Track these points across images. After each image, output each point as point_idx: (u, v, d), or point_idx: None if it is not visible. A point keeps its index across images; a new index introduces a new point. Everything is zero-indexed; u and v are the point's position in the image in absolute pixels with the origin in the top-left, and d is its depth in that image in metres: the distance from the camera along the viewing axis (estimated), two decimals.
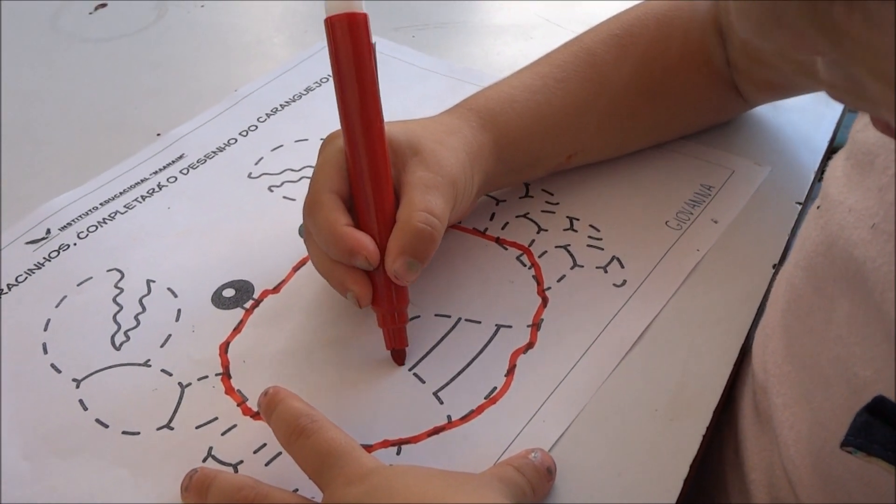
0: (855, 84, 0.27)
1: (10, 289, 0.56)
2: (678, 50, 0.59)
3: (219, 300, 0.54)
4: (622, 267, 0.55)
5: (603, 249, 0.56)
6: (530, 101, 0.57)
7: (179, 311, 0.54)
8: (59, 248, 0.58)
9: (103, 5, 0.84)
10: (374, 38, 0.48)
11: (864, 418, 0.36)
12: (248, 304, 0.54)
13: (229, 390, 0.49)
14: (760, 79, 0.60)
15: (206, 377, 0.50)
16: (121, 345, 0.52)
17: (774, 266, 0.55)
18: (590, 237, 0.57)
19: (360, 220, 0.49)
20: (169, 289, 0.55)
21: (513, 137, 0.56)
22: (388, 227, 0.48)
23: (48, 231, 0.59)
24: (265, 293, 0.55)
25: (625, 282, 0.54)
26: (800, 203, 0.60)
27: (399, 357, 0.50)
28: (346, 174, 0.49)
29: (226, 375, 0.50)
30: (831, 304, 0.40)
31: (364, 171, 0.48)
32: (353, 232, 0.47)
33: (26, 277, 0.56)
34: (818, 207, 0.45)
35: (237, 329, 0.53)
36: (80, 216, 0.60)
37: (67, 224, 0.60)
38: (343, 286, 0.48)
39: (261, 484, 0.43)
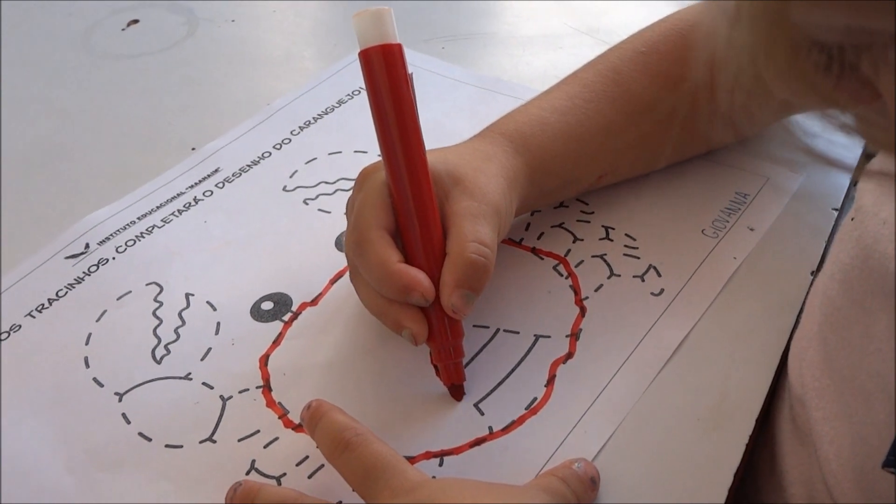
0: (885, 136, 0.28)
1: (51, 303, 0.56)
2: (702, 67, 0.59)
3: (257, 313, 0.55)
4: (659, 276, 0.55)
5: (639, 258, 0.56)
6: (560, 124, 0.56)
7: (219, 324, 0.54)
8: (99, 263, 0.59)
9: (135, 22, 0.85)
10: (406, 51, 0.48)
11: None
12: (286, 317, 0.54)
13: (270, 403, 0.49)
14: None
15: (247, 390, 0.50)
16: (161, 358, 0.52)
17: (812, 273, 0.55)
18: (626, 246, 0.57)
19: (410, 254, 0.48)
20: (208, 302, 0.56)
21: (545, 162, 0.55)
22: (439, 260, 0.47)
23: (87, 246, 0.60)
24: (303, 306, 0.55)
25: (662, 290, 0.54)
26: (836, 209, 0.59)
27: (458, 392, 0.49)
28: (390, 209, 0.48)
29: (266, 388, 0.50)
30: (869, 318, 0.40)
31: (410, 205, 0.47)
32: (406, 269, 0.46)
33: (67, 292, 0.57)
34: (852, 219, 0.44)
35: (276, 342, 0.53)
36: (118, 230, 0.61)
37: (106, 238, 0.60)
38: (398, 324, 0.47)
39: (304, 496, 0.43)
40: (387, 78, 0.47)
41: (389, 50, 0.47)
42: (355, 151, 0.67)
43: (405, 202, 0.48)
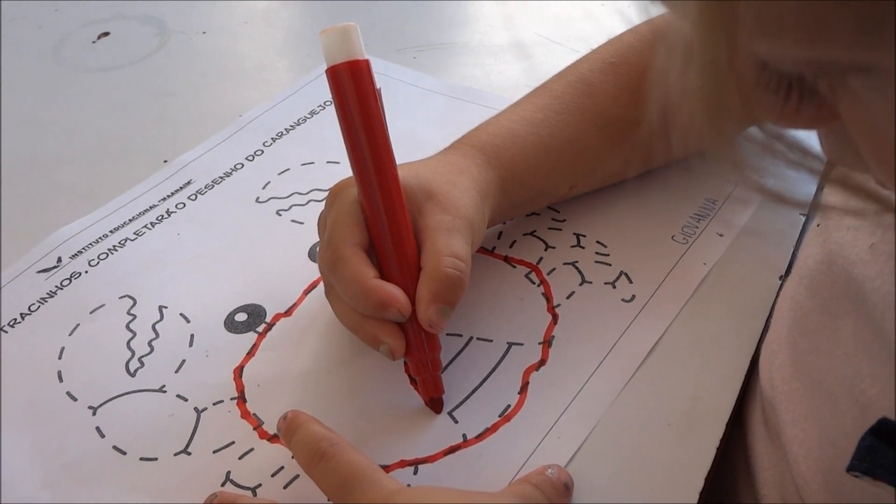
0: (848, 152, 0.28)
1: (23, 318, 0.56)
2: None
3: (231, 324, 0.55)
4: (630, 282, 0.56)
5: (610, 265, 0.57)
6: (532, 136, 0.56)
7: (192, 336, 0.54)
8: (71, 277, 0.59)
9: (106, 34, 0.85)
10: (375, 60, 0.48)
11: (868, 442, 0.36)
12: (260, 328, 0.54)
13: (245, 414, 0.49)
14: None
15: (222, 402, 0.50)
16: (135, 371, 0.52)
17: (781, 278, 0.55)
18: (597, 253, 0.58)
19: (384, 270, 0.48)
20: (181, 314, 0.56)
21: (517, 174, 0.56)
22: (414, 274, 0.48)
23: (59, 259, 0.60)
24: (277, 317, 0.55)
25: (633, 297, 0.55)
26: (803, 215, 0.60)
27: (437, 405, 0.49)
28: (363, 225, 0.48)
29: (241, 399, 0.50)
30: (836, 323, 0.41)
31: (383, 221, 0.48)
32: (382, 285, 0.46)
33: (39, 306, 0.57)
34: (818, 225, 0.45)
35: (250, 353, 0.53)
36: (90, 244, 0.61)
37: (78, 252, 0.60)
38: (375, 340, 0.47)
39: None
40: (355, 94, 0.47)
41: (357, 66, 0.47)
42: (328, 162, 0.67)
43: (378, 218, 0.48)
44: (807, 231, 0.55)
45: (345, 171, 0.64)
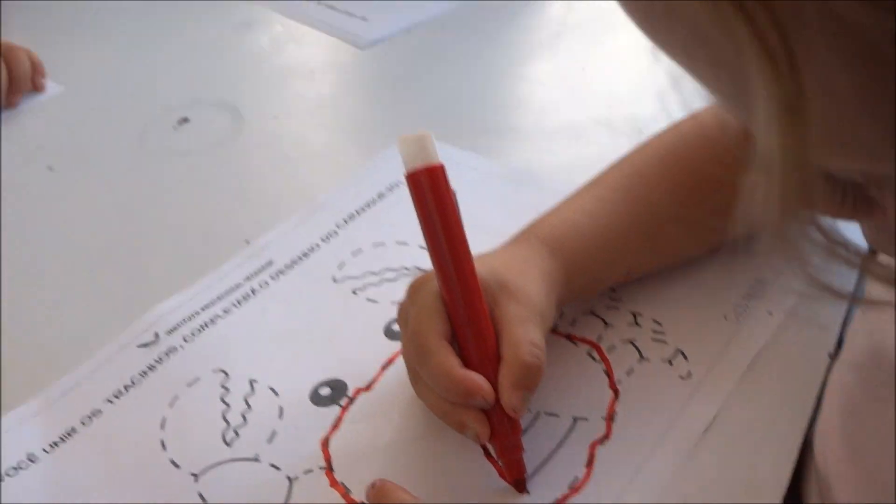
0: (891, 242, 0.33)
1: (127, 390, 0.61)
2: (723, 169, 0.64)
3: (316, 398, 0.60)
4: (686, 359, 0.60)
5: (667, 343, 0.61)
6: (590, 227, 0.62)
7: (281, 408, 0.59)
8: (168, 351, 0.64)
9: (185, 120, 0.91)
10: (438, 144, 0.53)
11: None
12: (343, 402, 0.59)
13: (333, 483, 0.54)
14: None
15: (312, 471, 0.55)
16: (231, 441, 0.57)
17: (830, 355, 0.59)
18: (653, 331, 0.62)
19: (466, 359, 0.52)
20: (270, 388, 0.60)
21: (578, 263, 0.60)
22: (494, 362, 0.52)
23: (157, 335, 0.65)
24: (358, 391, 0.60)
25: (690, 373, 0.59)
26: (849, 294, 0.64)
27: (521, 486, 0.52)
28: (446, 317, 0.53)
29: (329, 469, 0.55)
30: (886, 408, 0.44)
31: (464, 314, 0.52)
32: (467, 374, 0.51)
33: (141, 379, 0.62)
34: (862, 311, 0.49)
35: (335, 425, 0.58)
36: (184, 320, 0.66)
37: (174, 328, 0.65)
38: (462, 425, 0.51)
39: None
40: (433, 197, 0.52)
41: (434, 171, 0.52)
42: (397, 242, 0.72)
43: (459, 310, 0.52)
44: (853, 312, 0.59)
45: (413, 250, 0.69)
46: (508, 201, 0.76)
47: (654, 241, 0.63)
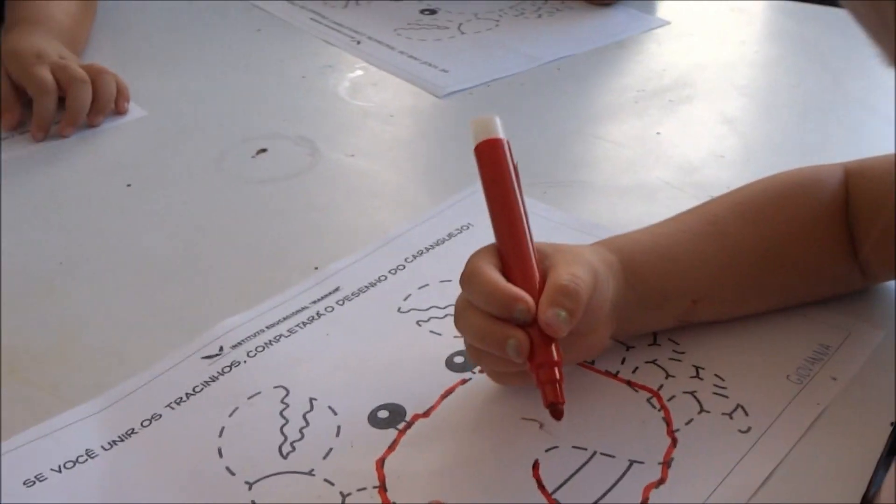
0: None
1: (188, 397, 0.62)
2: (801, 224, 0.65)
3: (374, 420, 0.60)
4: (746, 415, 0.59)
5: (728, 398, 0.61)
6: (653, 244, 0.64)
7: (339, 427, 0.60)
8: (231, 365, 0.65)
9: (263, 151, 0.93)
10: None
11: None
12: (400, 426, 0.59)
13: (386, 502, 0.54)
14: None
15: (365, 489, 0.55)
16: (287, 454, 0.58)
17: (892, 424, 0.58)
18: (715, 385, 0.62)
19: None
20: (329, 407, 0.61)
21: (639, 267, 0.62)
22: (537, 298, 0.55)
23: (221, 348, 0.66)
24: (416, 417, 0.60)
25: (749, 429, 0.58)
26: None
27: (557, 412, 0.54)
28: (497, 257, 0.57)
29: (382, 488, 0.55)
30: None
31: (513, 249, 0.57)
32: (511, 286, 0.54)
33: (203, 388, 0.63)
34: None
35: (391, 447, 0.58)
36: (249, 336, 0.67)
37: (238, 343, 0.67)
38: (504, 338, 0.53)
39: None
40: (494, 164, 0.59)
41: (496, 142, 0.59)
42: None
43: (508, 248, 0.58)
44: None
45: None
46: None
47: (725, 273, 0.64)
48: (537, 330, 0.54)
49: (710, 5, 1.30)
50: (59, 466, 0.57)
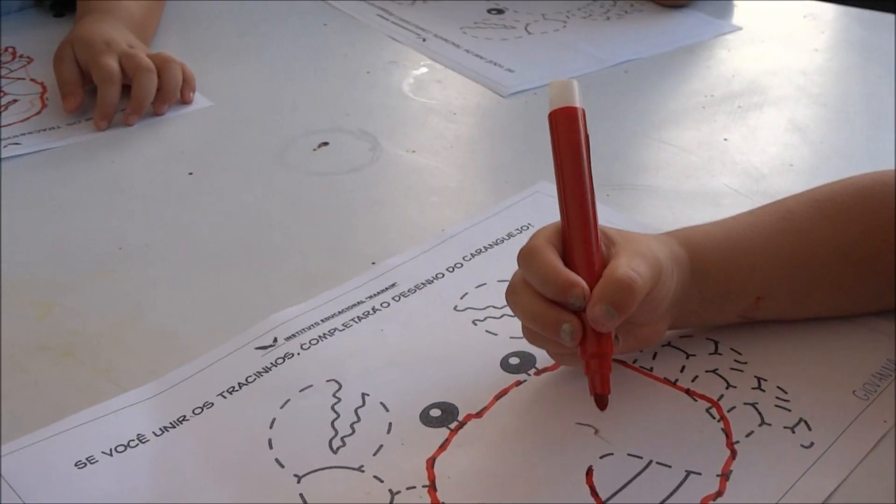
0: None
1: (241, 387, 0.62)
2: (880, 223, 0.63)
3: (426, 418, 0.59)
4: (809, 429, 0.57)
5: (790, 411, 0.59)
6: (725, 238, 0.63)
7: (390, 424, 0.59)
8: (285, 356, 0.64)
9: (325, 144, 0.93)
10: None
11: None
12: (452, 425, 0.59)
13: (435, 502, 0.53)
14: None
15: (414, 487, 0.54)
16: (337, 449, 0.57)
17: None
18: (777, 398, 0.60)
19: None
20: (381, 403, 0.60)
21: (707, 264, 0.61)
22: (595, 284, 0.54)
23: (275, 339, 0.66)
24: (468, 416, 0.59)
25: (812, 444, 0.56)
26: None
27: (601, 402, 0.54)
28: (560, 238, 0.56)
29: (432, 488, 0.54)
30: None
31: (577, 233, 0.56)
32: (569, 270, 0.54)
33: (255, 379, 0.63)
34: None
35: (442, 447, 0.57)
36: (303, 329, 0.67)
37: (292, 335, 0.66)
38: (557, 322, 0.53)
39: None
40: (566, 129, 0.57)
41: (571, 111, 0.57)
42: None
43: (572, 231, 0.56)
44: None
45: None
46: None
47: (792, 269, 0.63)
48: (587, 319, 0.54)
49: (783, 12, 1.27)
50: (111, 450, 0.57)
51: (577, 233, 0.56)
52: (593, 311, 0.52)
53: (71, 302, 0.71)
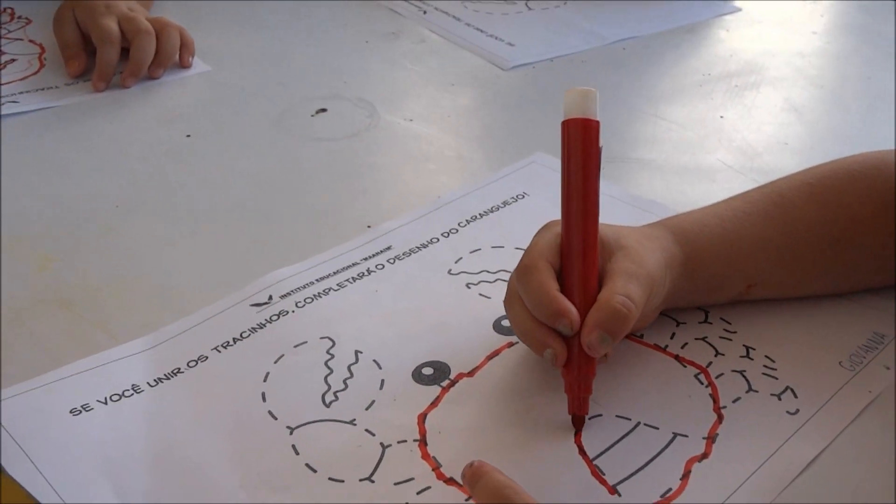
0: None
1: (235, 342, 0.63)
2: (869, 204, 0.64)
3: (418, 376, 0.60)
4: (795, 397, 0.58)
5: (777, 379, 0.60)
6: (718, 228, 0.63)
7: (383, 381, 0.60)
8: (280, 314, 0.65)
9: (323, 110, 0.93)
10: None
11: None
12: (444, 383, 0.59)
13: (425, 456, 0.54)
14: None
15: (405, 441, 0.55)
16: (330, 403, 0.58)
17: None
18: (765, 366, 0.61)
19: (566, 293, 0.55)
20: (374, 360, 0.61)
21: (701, 257, 0.62)
22: (590, 304, 0.54)
23: (270, 297, 0.66)
24: (460, 375, 0.60)
25: (798, 411, 0.57)
26: None
27: (578, 423, 0.55)
28: (558, 252, 0.56)
29: (422, 442, 0.55)
30: None
31: (576, 252, 0.56)
32: (561, 297, 0.54)
33: (250, 335, 0.63)
34: None
35: (434, 403, 0.58)
36: (298, 288, 0.67)
37: (287, 293, 0.67)
38: (543, 345, 0.54)
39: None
40: (581, 145, 0.56)
41: (588, 124, 0.56)
42: (516, 248, 0.72)
43: (572, 249, 0.56)
44: None
45: None
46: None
47: (786, 255, 0.64)
48: (577, 342, 0.54)
49: None
50: (106, 398, 0.58)
51: (577, 250, 0.56)
52: (588, 338, 0.53)
53: (69, 257, 0.71)
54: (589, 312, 0.54)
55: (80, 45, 0.97)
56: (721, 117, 0.96)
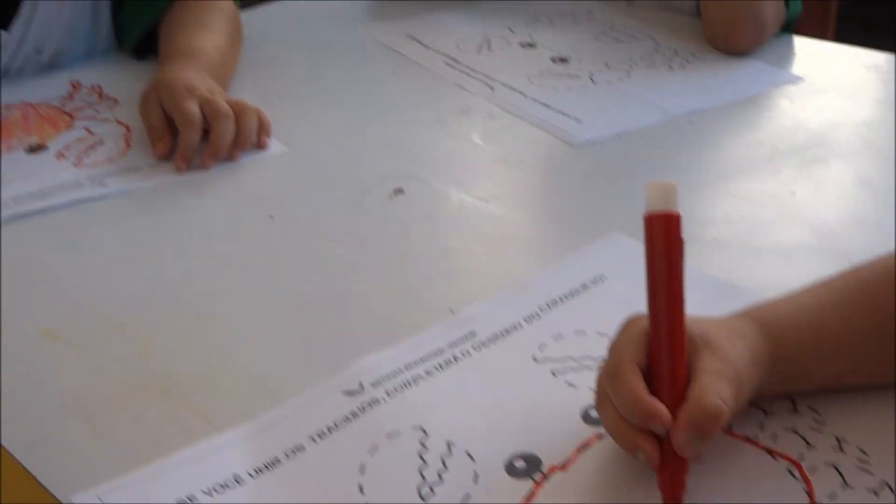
0: None
1: (330, 431, 0.64)
2: None
3: (511, 469, 0.61)
4: (893, 493, 0.58)
5: (873, 474, 0.60)
6: (803, 319, 0.64)
7: (476, 473, 0.60)
8: (371, 402, 0.66)
9: (400, 191, 0.95)
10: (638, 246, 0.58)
11: None
12: (537, 477, 0.60)
13: None
14: None
15: None
16: (426, 496, 0.59)
17: None
18: (859, 459, 0.61)
19: (655, 391, 0.55)
20: (467, 452, 0.62)
21: (788, 350, 0.62)
22: (678, 402, 0.55)
23: (361, 385, 0.68)
24: (552, 468, 0.61)
25: None
26: None
27: None
28: (645, 350, 0.57)
29: None
30: None
31: (665, 349, 0.57)
32: (652, 399, 0.55)
33: (344, 424, 0.65)
34: None
35: (528, 498, 0.58)
36: (388, 375, 0.69)
37: (378, 381, 0.68)
38: (634, 446, 0.55)
39: None
40: (664, 240, 0.57)
41: (671, 218, 0.57)
42: (598, 333, 0.73)
43: (660, 347, 0.57)
44: None
45: None
46: (709, 310, 0.76)
47: (869, 347, 0.64)
48: (668, 441, 0.55)
49: (844, 61, 1.28)
50: (210, 489, 0.59)
51: (666, 347, 0.57)
52: (679, 439, 0.54)
53: (165, 344, 0.73)
54: (680, 412, 0.55)
55: (165, 128, 1.01)
56: (792, 193, 0.96)
